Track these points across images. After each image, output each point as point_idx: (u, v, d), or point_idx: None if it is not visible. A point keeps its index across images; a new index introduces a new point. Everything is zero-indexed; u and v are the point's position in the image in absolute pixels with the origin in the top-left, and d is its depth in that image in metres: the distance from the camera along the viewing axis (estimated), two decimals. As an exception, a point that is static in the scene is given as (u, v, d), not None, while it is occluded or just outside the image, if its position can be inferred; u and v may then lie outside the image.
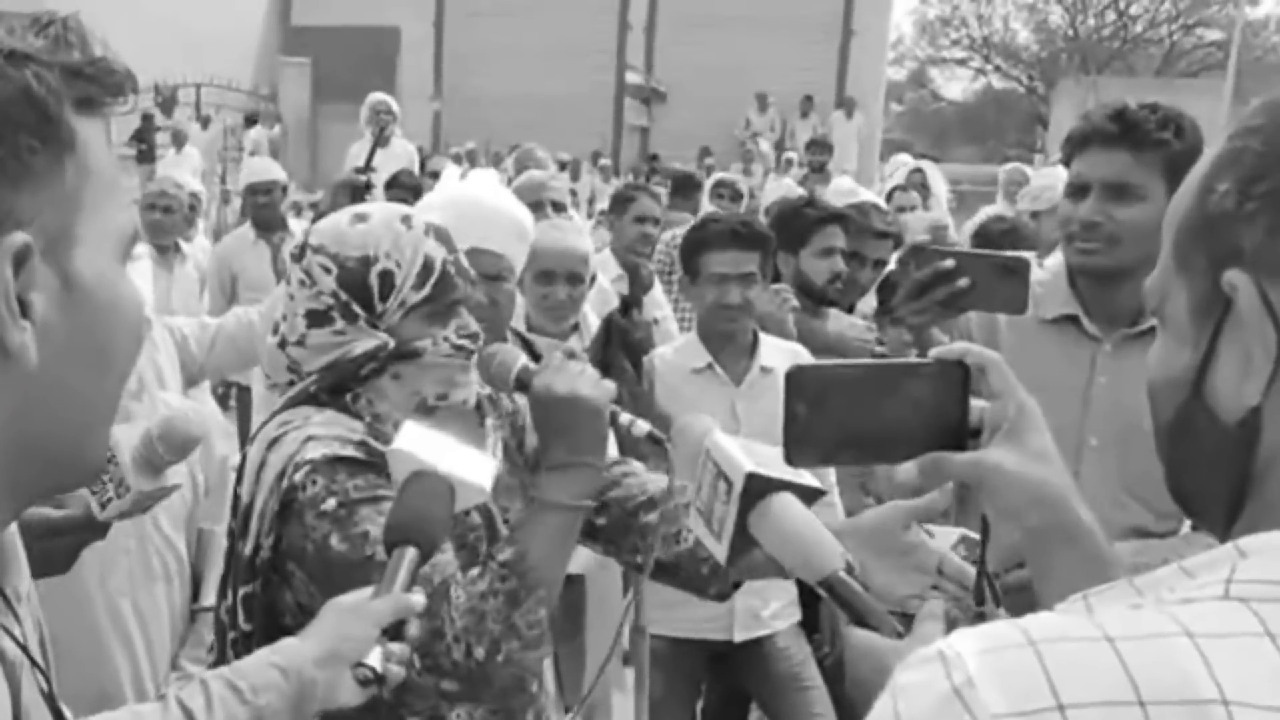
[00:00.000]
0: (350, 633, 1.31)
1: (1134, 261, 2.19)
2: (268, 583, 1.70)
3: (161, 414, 1.94)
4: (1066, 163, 2.33)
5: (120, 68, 0.86)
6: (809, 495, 1.25)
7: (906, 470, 1.12)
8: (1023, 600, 1.01)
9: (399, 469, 1.43)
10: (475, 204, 2.55)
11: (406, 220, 1.77)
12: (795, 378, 1.11)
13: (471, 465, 1.44)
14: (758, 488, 1.22)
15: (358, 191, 3.78)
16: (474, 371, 1.79)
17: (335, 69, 19.88)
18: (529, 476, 1.88)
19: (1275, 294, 0.75)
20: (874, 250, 4.19)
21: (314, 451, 1.63)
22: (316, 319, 1.73)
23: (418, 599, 1.33)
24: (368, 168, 3.23)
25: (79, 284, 0.82)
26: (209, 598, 2.71)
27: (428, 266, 1.74)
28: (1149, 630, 0.69)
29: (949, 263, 2.16)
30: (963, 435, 1.12)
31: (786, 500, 1.23)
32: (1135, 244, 2.17)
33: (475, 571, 1.59)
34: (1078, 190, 2.26)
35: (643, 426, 1.65)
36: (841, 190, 8.40)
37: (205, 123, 17.65)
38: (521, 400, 1.87)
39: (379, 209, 1.82)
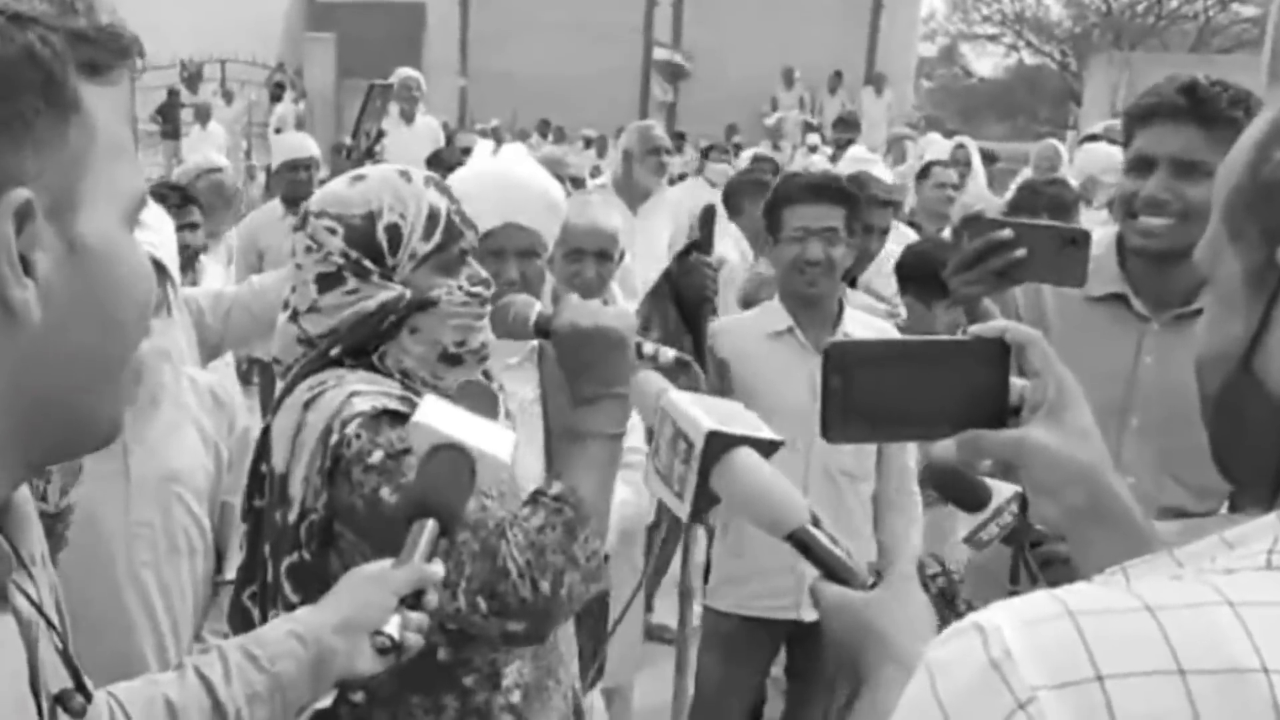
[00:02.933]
0: (369, 601, 1.31)
1: (1195, 241, 2.08)
2: (324, 546, 1.69)
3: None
4: (1127, 139, 2.27)
5: (127, 34, 0.86)
6: (769, 448, 1.23)
7: (945, 447, 1.13)
8: (1064, 574, 1.02)
9: (420, 442, 1.43)
10: (509, 179, 2.53)
11: (405, 175, 1.78)
12: (833, 353, 1.12)
13: (492, 439, 1.43)
14: (719, 446, 1.19)
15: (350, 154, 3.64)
16: (488, 321, 1.80)
17: (360, 45, 19.81)
18: None
19: None
20: (878, 219, 4.14)
21: (363, 405, 1.64)
22: (328, 282, 1.73)
23: (437, 569, 1.33)
24: (356, 134, 3.14)
25: (83, 246, 0.83)
26: (232, 571, 2.69)
27: (433, 216, 1.75)
28: (1190, 600, 0.68)
29: (1007, 232, 2.08)
30: (1003, 413, 1.12)
31: (748, 455, 1.20)
32: (1201, 223, 2.05)
33: (527, 509, 1.61)
34: (1142, 165, 2.19)
35: (668, 353, 1.69)
36: (856, 158, 8.33)
37: (230, 98, 17.60)
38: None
39: (376, 169, 1.84)
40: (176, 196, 3.95)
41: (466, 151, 7.74)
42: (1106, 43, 30.39)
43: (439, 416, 1.43)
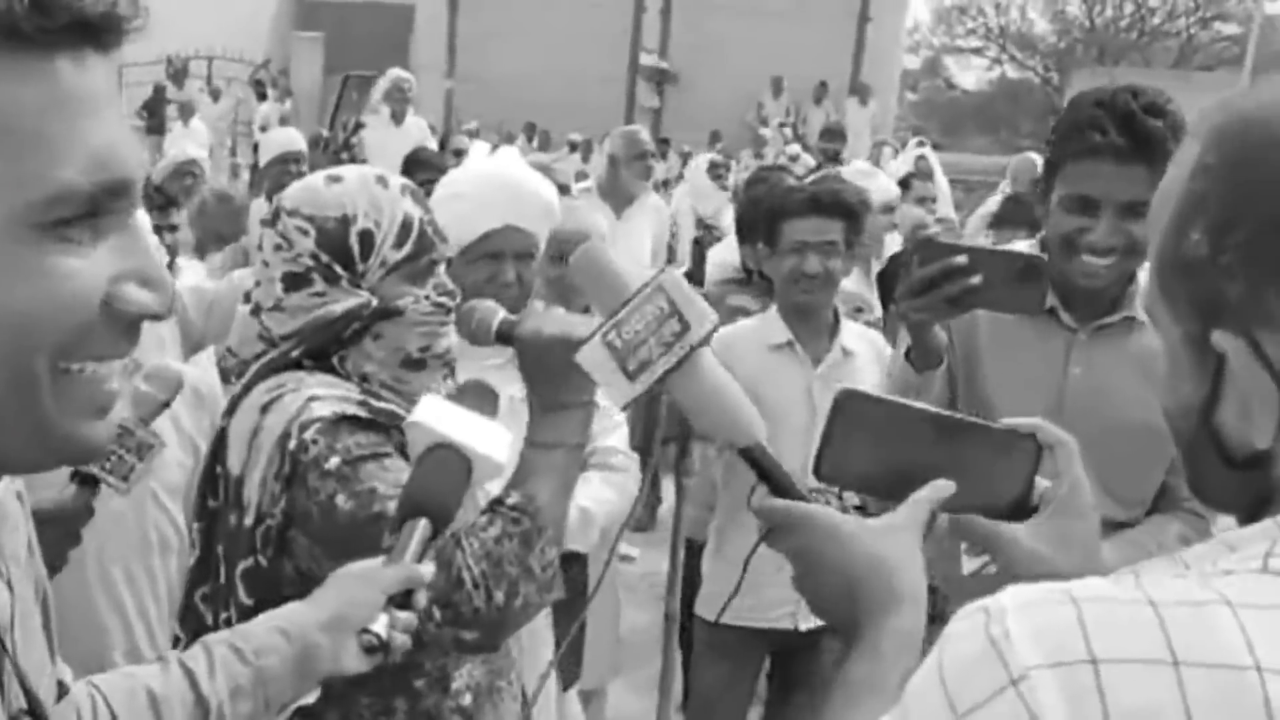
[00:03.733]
0: (357, 599, 1.30)
1: (1135, 269, 2.15)
2: (279, 552, 1.68)
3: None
4: (1057, 163, 2.17)
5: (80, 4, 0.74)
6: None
7: (939, 522, 1.11)
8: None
9: (417, 441, 1.43)
10: (508, 181, 2.54)
11: (382, 180, 1.76)
12: (845, 402, 1.12)
13: (489, 440, 1.43)
14: (708, 338, 1.17)
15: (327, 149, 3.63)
16: (453, 328, 1.78)
17: (348, 44, 19.81)
18: None
19: (1270, 343, 0.75)
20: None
21: (322, 410, 1.63)
22: (294, 282, 1.71)
23: (428, 569, 1.32)
24: (333, 126, 3.15)
25: None
26: None
27: (406, 225, 1.73)
28: (1190, 597, 0.70)
29: (961, 259, 2.02)
30: (1023, 508, 1.10)
31: (714, 359, 1.19)
32: (1143, 255, 2.09)
33: (484, 518, 1.60)
34: (1085, 205, 2.11)
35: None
36: (860, 171, 8.38)
37: (216, 95, 17.57)
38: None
39: (353, 170, 1.80)
40: (160, 198, 3.99)
41: (459, 154, 7.78)
42: (1090, 58, 30.62)
43: (437, 416, 1.43)
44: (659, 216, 6.16)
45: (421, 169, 5.85)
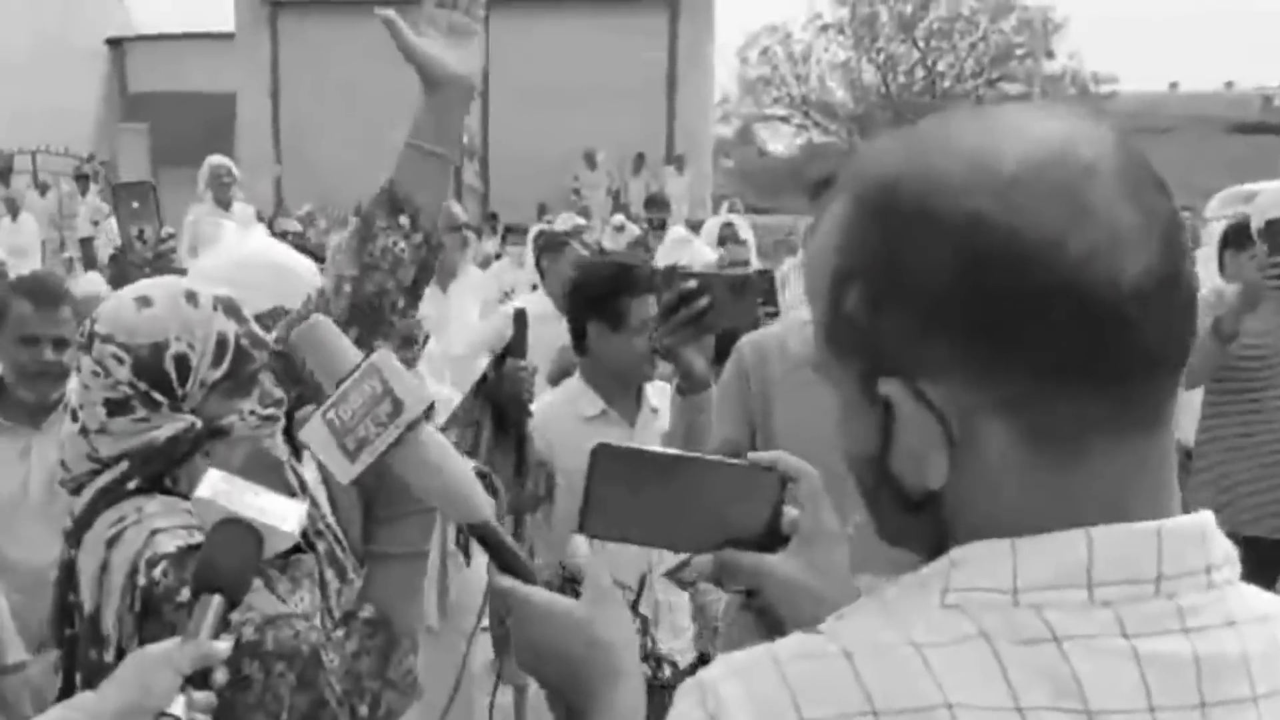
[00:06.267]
0: (152, 682, 1.29)
1: None
2: None
3: None
4: None
5: None
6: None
7: (703, 561, 1.13)
8: (777, 623, 1.07)
9: (205, 517, 1.43)
10: (268, 264, 2.50)
11: (192, 298, 1.73)
12: (601, 455, 1.11)
13: (277, 511, 1.44)
14: (421, 419, 1.16)
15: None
16: (280, 434, 1.80)
17: (174, 135, 19.82)
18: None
19: (932, 389, 0.76)
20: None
21: (167, 545, 1.61)
22: (116, 408, 1.70)
23: (223, 646, 1.33)
24: (125, 243, 2.93)
25: None
26: (4, 657, 2.80)
27: (222, 343, 1.72)
28: (880, 642, 0.73)
29: (692, 283, 2.21)
30: (774, 539, 1.12)
31: (439, 436, 1.19)
32: None
33: (340, 633, 1.63)
34: None
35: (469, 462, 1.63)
36: (678, 239, 8.82)
37: (44, 190, 17.51)
38: None
39: (162, 290, 1.76)
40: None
41: (285, 235, 7.90)
42: (887, 120, 32.28)
43: (222, 491, 1.42)
44: (485, 286, 6.36)
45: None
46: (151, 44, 24.08)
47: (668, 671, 2.95)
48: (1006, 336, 0.73)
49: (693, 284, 2.22)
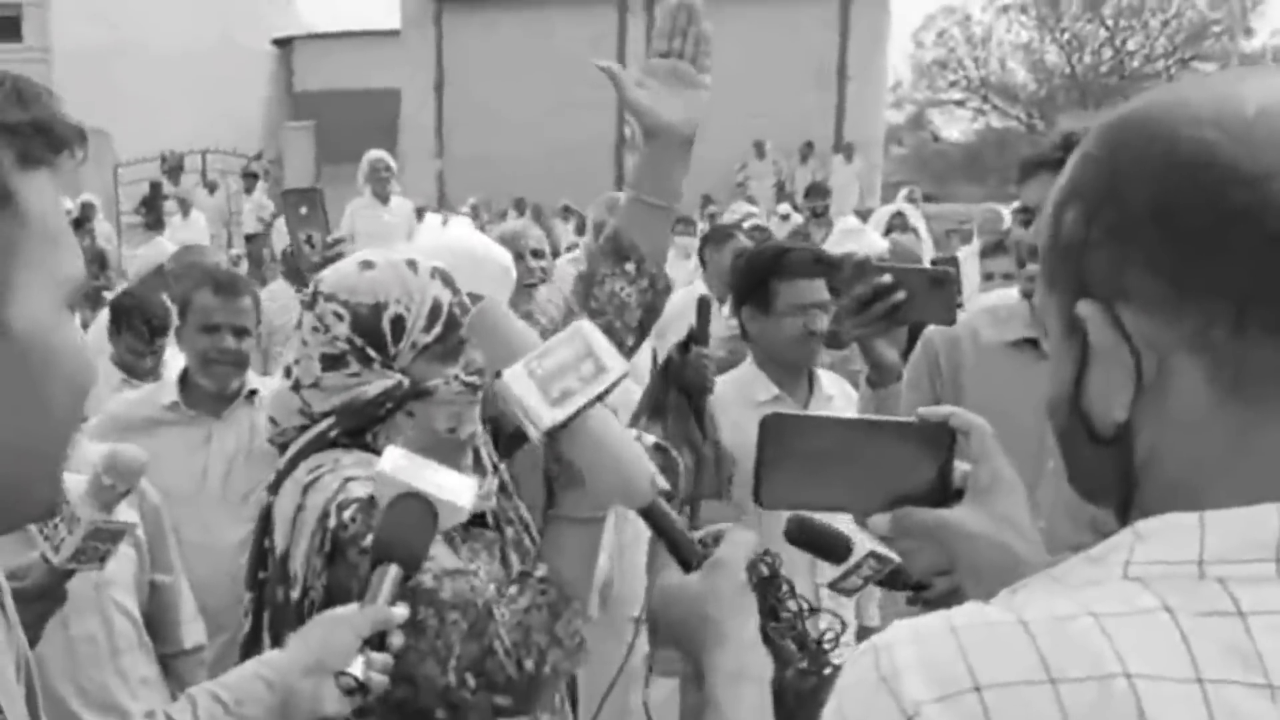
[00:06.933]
0: (333, 643, 1.35)
1: None
2: None
3: (102, 449, 1.95)
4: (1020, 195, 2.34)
5: (65, 127, 0.88)
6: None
7: (879, 521, 1.15)
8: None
9: (384, 492, 1.49)
10: (463, 250, 2.66)
11: (413, 265, 1.84)
12: (771, 424, 1.14)
13: (452, 487, 1.49)
14: (611, 389, 1.20)
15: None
16: (478, 406, 1.86)
17: (339, 132, 20.12)
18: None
19: (1128, 315, 0.78)
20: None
21: (358, 490, 1.69)
22: (331, 362, 1.80)
23: (400, 611, 1.38)
24: (296, 247, 3.17)
25: (12, 333, 0.85)
26: (182, 642, 2.83)
27: (436, 309, 1.82)
28: (1058, 613, 0.73)
29: (886, 277, 2.20)
30: (945, 494, 1.14)
31: (613, 418, 1.22)
32: None
33: (514, 589, 1.67)
34: (1027, 216, 2.28)
35: (647, 438, 1.68)
36: (849, 228, 8.51)
37: (212, 189, 17.82)
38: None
39: (384, 255, 1.88)
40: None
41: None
42: (1071, 102, 30.91)
43: (401, 467, 1.49)
44: None
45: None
46: (317, 43, 24.61)
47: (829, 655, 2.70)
48: (1205, 258, 0.74)
49: (888, 278, 2.20)
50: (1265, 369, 0.74)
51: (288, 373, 1.86)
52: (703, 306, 3.33)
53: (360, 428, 1.82)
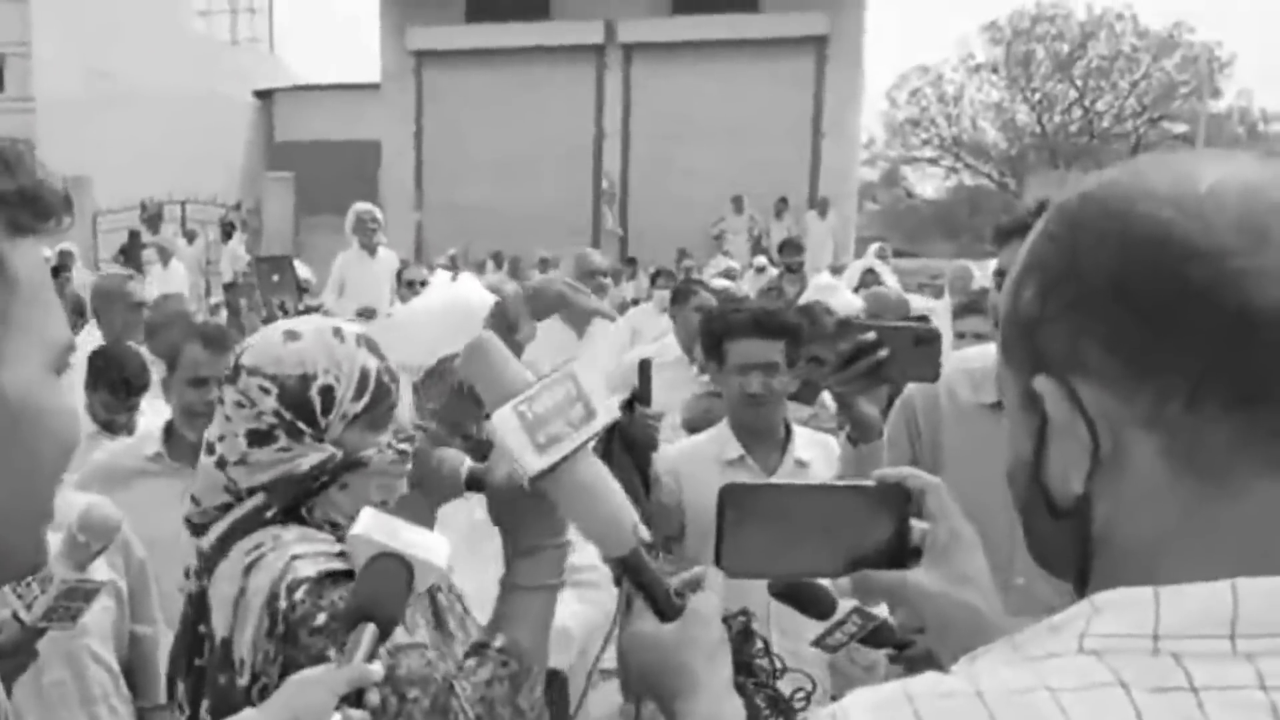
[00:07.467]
0: (310, 702, 1.36)
1: None
2: None
3: (80, 503, 1.95)
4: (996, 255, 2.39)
5: (52, 195, 0.89)
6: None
7: (843, 584, 1.15)
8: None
9: (359, 553, 1.50)
10: (460, 305, 2.70)
11: (338, 333, 1.80)
12: (729, 494, 1.15)
13: (427, 546, 1.50)
14: (605, 435, 1.21)
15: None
16: (404, 481, 1.85)
17: (318, 183, 20.21)
18: None
19: (1085, 390, 0.79)
20: (830, 352, 4.03)
21: (306, 570, 1.65)
22: (259, 438, 1.75)
23: (376, 669, 1.39)
24: (268, 308, 3.29)
25: (4, 397, 0.85)
26: (159, 696, 2.75)
27: (364, 377, 1.78)
28: (1014, 686, 0.74)
29: (870, 335, 2.20)
30: (904, 554, 1.15)
31: (600, 465, 1.23)
32: None
33: (472, 662, 1.67)
34: (1003, 280, 2.37)
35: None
36: (821, 286, 8.61)
37: (191, 238, 17.87)
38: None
39: (309, 325, 1.83)
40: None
41: (410, 285, 7.87)
42: (1042, 161, 31.33)
43: (376, 527, 1.49)
44: (617, 335, 6.27)
45: None
46: (298, 94, 24.77)
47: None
48: (1160, 335, 0.75)
49: (871, 335, 2.20)
50: (1219, 444, 0.75)
51: (210, 449, 1.80)
52: (643, 368, 3.39)
53: (294, 503, 1.77)
